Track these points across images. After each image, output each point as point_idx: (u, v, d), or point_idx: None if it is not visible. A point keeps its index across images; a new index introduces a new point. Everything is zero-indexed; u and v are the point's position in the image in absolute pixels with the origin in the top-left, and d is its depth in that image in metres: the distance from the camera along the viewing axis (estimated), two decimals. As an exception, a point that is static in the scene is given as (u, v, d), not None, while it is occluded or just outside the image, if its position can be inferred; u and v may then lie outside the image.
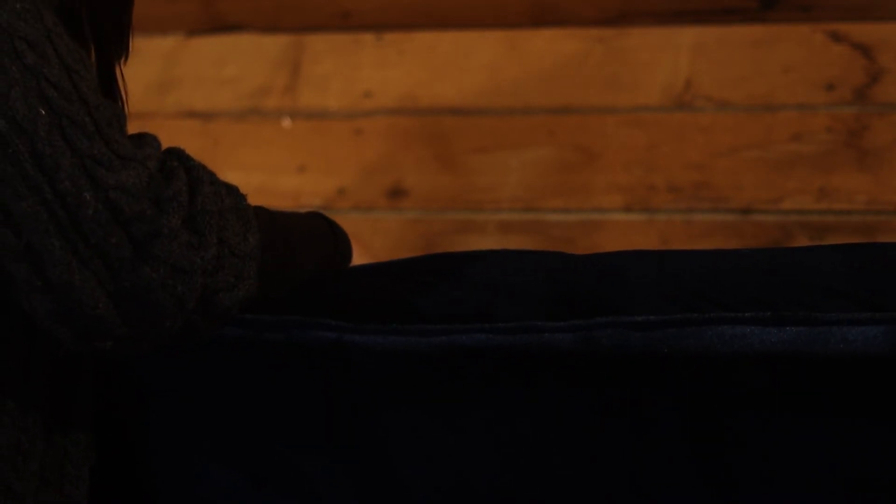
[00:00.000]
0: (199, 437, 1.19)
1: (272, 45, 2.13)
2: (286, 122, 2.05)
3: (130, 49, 1.11)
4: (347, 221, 2.00)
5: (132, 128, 1.01)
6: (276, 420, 1.17)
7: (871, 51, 1.83)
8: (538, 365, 1.10)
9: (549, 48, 1.99)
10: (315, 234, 1.22)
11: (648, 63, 1.92)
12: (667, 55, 1.92)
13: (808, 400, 1.05)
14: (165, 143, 1.01)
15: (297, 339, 1.14)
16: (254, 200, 2.10)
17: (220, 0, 2.14)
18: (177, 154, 1.04)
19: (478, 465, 1.14)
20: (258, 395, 1.17)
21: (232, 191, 1.05)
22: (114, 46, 1.10)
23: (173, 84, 2.12)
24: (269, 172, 1.99)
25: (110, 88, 1.09)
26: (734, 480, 1.09)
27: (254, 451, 1.18)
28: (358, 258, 1.28)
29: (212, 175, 1.05)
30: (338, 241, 1.25)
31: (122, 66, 1.11)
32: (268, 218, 1.12)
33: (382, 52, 2.07)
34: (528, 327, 1.09)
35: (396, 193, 1.94)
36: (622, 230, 1.81)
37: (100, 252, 0.92)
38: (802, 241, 1.74)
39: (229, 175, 1.99)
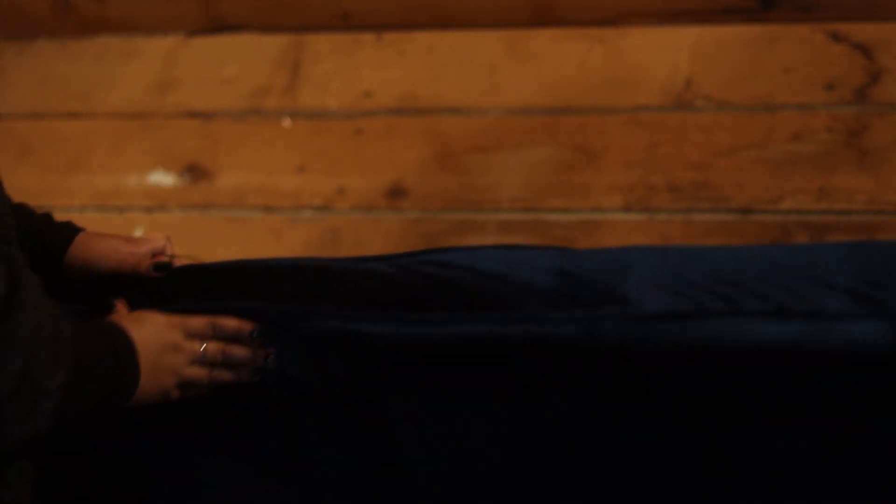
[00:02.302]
0: (201, 431, 1.19)
1: (272, 45, 2.13)
2: (286, 122, 2.05)
3: None
4: (347, 221, 2.01)
5: (133, 128, 1.00)
6: (281, 410, 1.17)
7: (871, 51, 1.83)
8: (541, 355, 1.10)
9: (549, 48, 1.99)
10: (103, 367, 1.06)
11: (648, 63, 1.92)
12: (667, 55, 1.92)
13: (810, 393, 1.05)
14: (165, 143, 0.97)
15: (304, 329, 1.14)
16: (254, 200, 2.10)
17: (220, 0, 2.14)
18: (19, 267, 0.93)
19: (476, 450, 1.14)
20: (263, 386, 1.17)
21: (54, 320, 0.95)
22: None
23: (173, 84, 2.12)
24: (269, 172, 1.99)
25: None
26: (735, 471, 1.09)
27: (258, 442, 1.18)
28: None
29: (40, 300, 0.94)
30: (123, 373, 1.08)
31: None
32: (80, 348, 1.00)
33: (382, 52, 2.07)
34: (533, 318, 1.10)
35: (396, 193, 1.93)
36: (622, 230, 1.81)
37: None
38: (803, 241, 1.74)
39: (229, 175, 2.00)
